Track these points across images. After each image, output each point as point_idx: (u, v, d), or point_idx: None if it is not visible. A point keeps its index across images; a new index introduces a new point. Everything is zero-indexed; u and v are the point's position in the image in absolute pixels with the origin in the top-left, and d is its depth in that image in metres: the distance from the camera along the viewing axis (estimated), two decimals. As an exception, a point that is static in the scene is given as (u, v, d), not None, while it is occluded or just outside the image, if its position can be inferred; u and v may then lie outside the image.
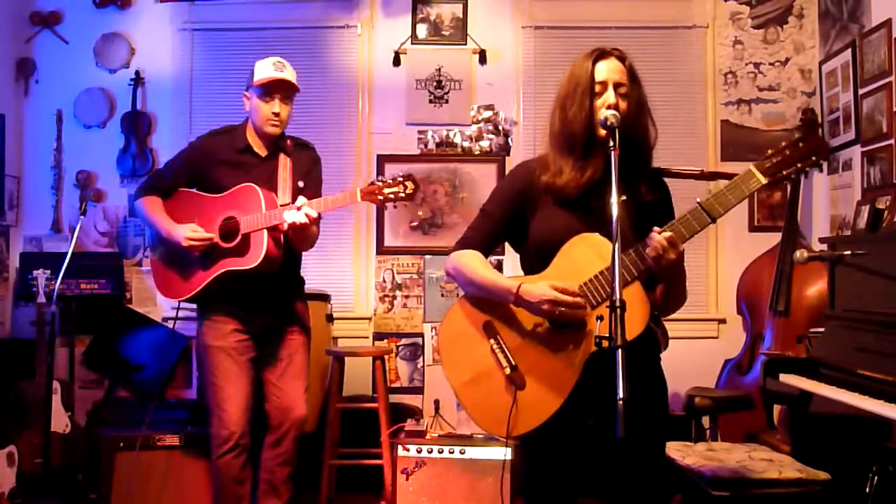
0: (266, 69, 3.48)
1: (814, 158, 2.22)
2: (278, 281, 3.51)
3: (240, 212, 3.40)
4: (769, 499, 3.01)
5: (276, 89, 3.48)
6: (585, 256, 2.27)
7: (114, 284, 4.89)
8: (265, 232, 3.32)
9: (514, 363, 2.33)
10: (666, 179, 2.51)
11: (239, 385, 3.49)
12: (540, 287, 2.25)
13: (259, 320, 3.53)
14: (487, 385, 2.36)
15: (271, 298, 3.53)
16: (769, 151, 2.23)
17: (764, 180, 2.21)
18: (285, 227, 3.30)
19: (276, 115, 3.48)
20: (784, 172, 2.22)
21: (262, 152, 3.56)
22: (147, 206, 3.61)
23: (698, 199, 2.23)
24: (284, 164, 3.55)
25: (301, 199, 3.31)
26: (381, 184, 3.28)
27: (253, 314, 3.52)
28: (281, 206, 3.38)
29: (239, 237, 3.38)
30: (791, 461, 3.21)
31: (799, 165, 2.22)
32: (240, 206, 3.41)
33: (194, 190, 3.62)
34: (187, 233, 3.42)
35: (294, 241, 3.45)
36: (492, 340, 2.39)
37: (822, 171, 4.81)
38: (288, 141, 3.61)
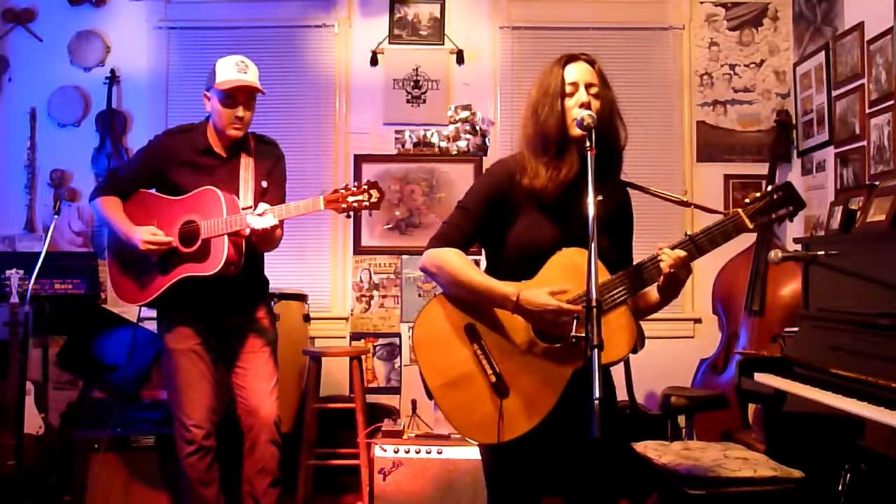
0: (228, 71, 3.35)
1: (790, 209, 2.32)
2: (239, 284, 3.44)
3: (200, 216, 3.32)
4: (744, 497, 3.03)
5: (240, 94, 3.36)
6: (571, 271, 2.27)
7: (88, 284, 4.84)
8: (225, 237, 3.26)
9: (498, 371, 2.32)
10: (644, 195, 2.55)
11: (200, 387, 3.45)
12: (542, 296, 2.23)
13: (221, 323, 3.48)
14: (469, 390, 2.34)
15: (232, 302, 3.47)
16: (746, 201, 2.32)
17: (750, 225, 2.30)
18: (247, 232, 3.23)
19: (240, 119, 3.38)
20: (764, 220, 2.32)
21: (223, 153, 3.46)
22: (104, 207, 3.50)
23: (688, 233, 2.29)
24: (246, 164, 3.46)
25: (263, 206, 3.23)
26: (345, 191, 3.19)
27: (214, 317, 3.47)
28: (243, 209, 3.31)
29: (199, 242, 3.30)
30: (766, 460, 3.23)
31: (775, 215, 2.32)
32: (200, 210, 3.33)
33: (153, 191, 3.53)
34: (146, 236, 3.33)
35: (257, 245, 3.39)
36: (475, 345, 2.36)
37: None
38: (250, 139, 3.52)
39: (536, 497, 2.45)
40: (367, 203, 3.19)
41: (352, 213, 3.23)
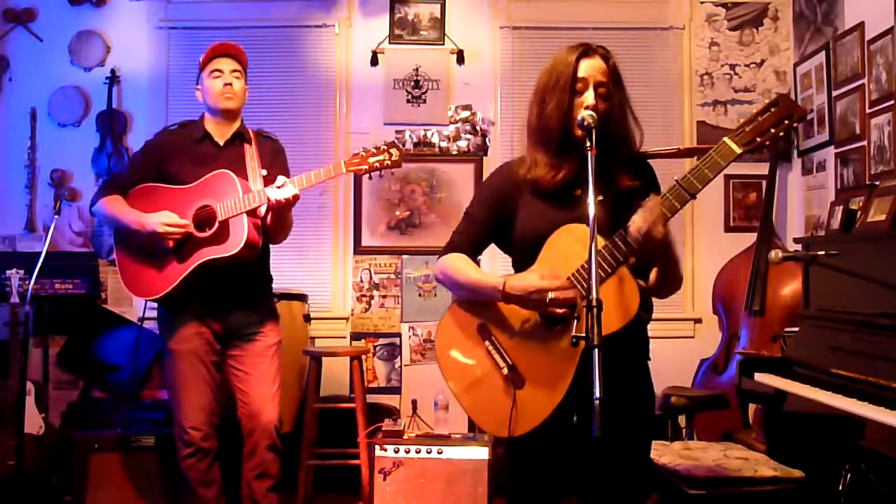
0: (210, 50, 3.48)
1: (787, 122, 2.16)
2: (252, 275, 3.44)
3: (214, 199, 3.29)
4: (745, 497, 3.03)
5: (221, 56, 3.42)
6: (571, 247, 2.23)
7: (88, 284, 4.84)
8: (245, 216, 3.23)
9: (511, 362, 2.30)
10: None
11: (200, 390, 3.43)
12: (527, 279, 2.22)
13: (227, 321, 3.46)
14: (487, 387, 2.33)
15: (243, 294, 3.45)
16: (741, 121, 2.19)
17: (738, 149, 2.15)
18: (264, 209, 3.22)
19: (228, 85, 3.40)
20: (758, 140, 2.16)
21: (221, 140, 3.47)
22: (108, 206, 3.47)
23: (676, 178, 2.19)
24: (251, 153, 3.46)
25: (281, 178, 3.22)
26: (365, 153, 3.19)
27: (221, 313, 3.45)
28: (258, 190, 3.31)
29: (216, 224, 3.27)
30: (766, 460, 3.23)
31: (773, 130, 2.16)
32: (214, 194, 3.31)
33: (159, 184, 3.49)
34: (163, 218, 3.29)
35: (271, 230, 3.37)
36: (487, 342, 2.35)
37: (797, 134, 4.83)
38: (249, 132, 3.54)
39: (557, 498, 2.42)
40: (388, 162, 3.22)
41: (374, 173, 3.25)
